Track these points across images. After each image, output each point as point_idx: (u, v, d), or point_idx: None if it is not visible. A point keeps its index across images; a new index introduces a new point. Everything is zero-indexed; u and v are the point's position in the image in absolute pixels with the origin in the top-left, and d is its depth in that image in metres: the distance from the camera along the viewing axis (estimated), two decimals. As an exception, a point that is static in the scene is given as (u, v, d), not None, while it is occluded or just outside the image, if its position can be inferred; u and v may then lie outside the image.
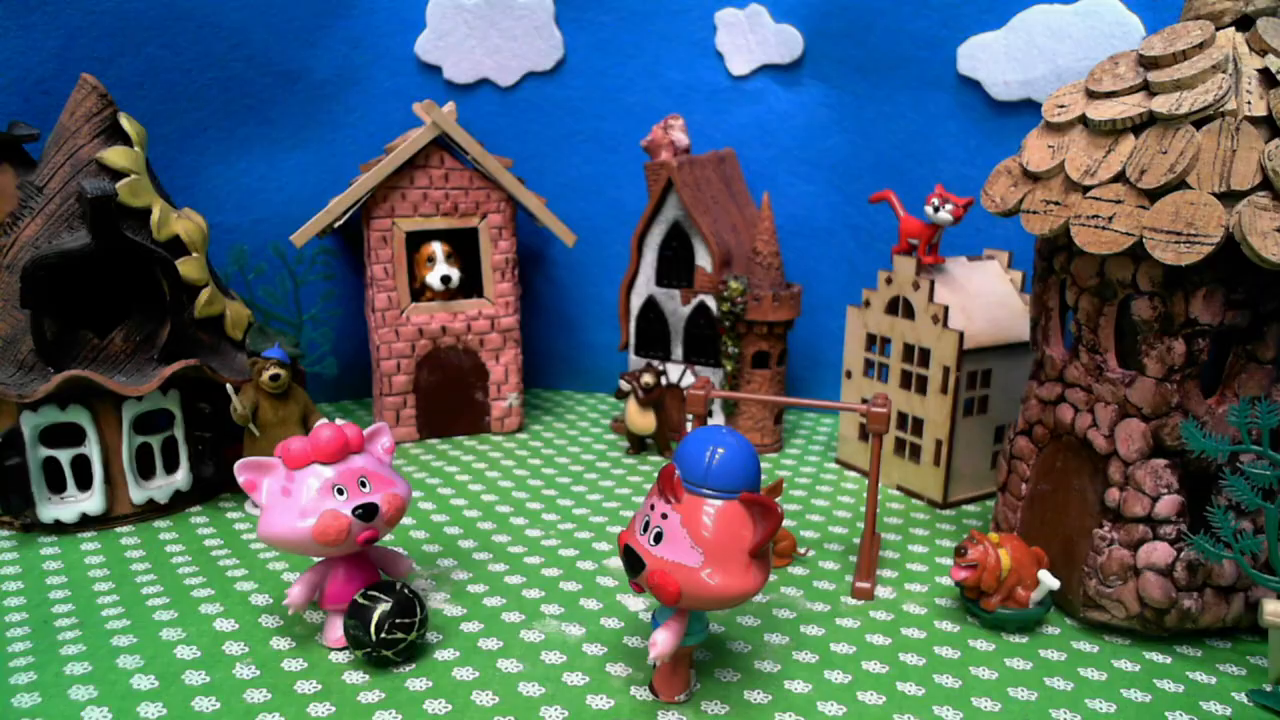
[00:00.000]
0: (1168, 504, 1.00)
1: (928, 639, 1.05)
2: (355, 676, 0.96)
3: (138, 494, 1.31)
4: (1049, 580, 1.04)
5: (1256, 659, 1.02)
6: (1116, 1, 1.41)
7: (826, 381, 1.85)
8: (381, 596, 0.96)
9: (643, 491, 1.46)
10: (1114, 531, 1.03)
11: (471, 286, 1.66)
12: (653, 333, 1.70)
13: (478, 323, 1.65)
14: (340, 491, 0.97)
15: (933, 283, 1.38)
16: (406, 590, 0.98)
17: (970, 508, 1.42)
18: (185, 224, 1.33)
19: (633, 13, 1.82)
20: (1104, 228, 0.96)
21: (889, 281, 1.45)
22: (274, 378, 1.32)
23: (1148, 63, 0.99)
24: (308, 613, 1.07)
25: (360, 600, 0.96)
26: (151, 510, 1.33)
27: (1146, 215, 0.93)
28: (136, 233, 1.27)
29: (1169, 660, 1.01)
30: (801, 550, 1.24)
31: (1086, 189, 0.99)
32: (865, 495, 1.37)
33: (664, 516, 0.86)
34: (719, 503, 0.84)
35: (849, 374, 1.55)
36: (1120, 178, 0.96)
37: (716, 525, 0.84)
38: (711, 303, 1.61)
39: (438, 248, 1.61)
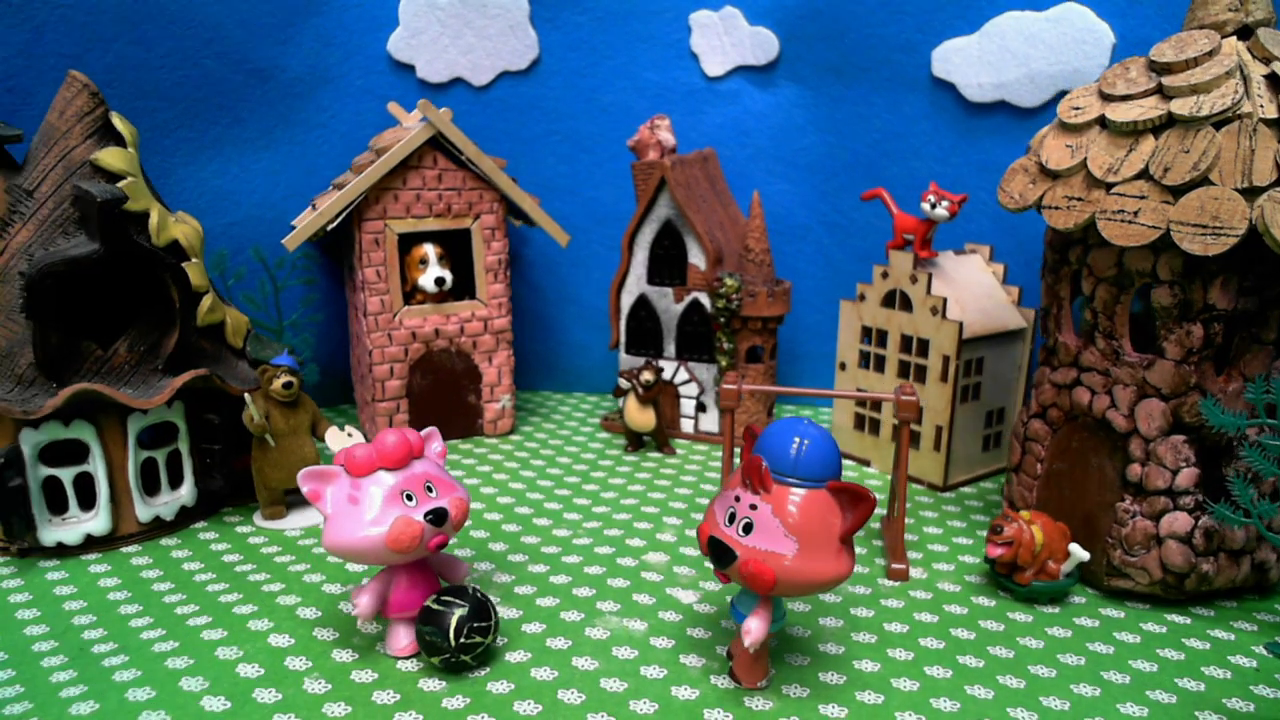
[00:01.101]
0: (1187, 476, 1.08)
1: (970, 614, 1.10)
2: (431, 684, 0.94)
3: (144, 512, 1.25)
4: (1079, 553, 1.11)
5: (1263, 615, 1.11)
6: (1086, 9, 1.50)
7: (809, 373, 1.91)
8: (456, 601, 0.95)
9: (655, 488, 1.48)
10: (1136, 504, 1.11)
11: (462, 288, 1.64)
12: (644, 331, 1.72)
13: (471, 325, 1.63)
14: (409, 497, 0.95)
15: (930, 276, 1.44)
16: (479, 593, 0.97)
17: (967, 489, 1.50)
18: (184, 228, 1.28)
19: (608, 13, 1.83)
20: (1130, 221, 1.03)
21: (885, 276, 1.51)
22: (287, 385, 1.28)
23: (1160, 68, 1.07)
24: (348, 610, 1.05)
25: (434, 606, 0.95)
26: (157, 528, 1.27)
27: (1173, 210, 1.00)
28: (136, 238, 1.21)
29: (1189, 621, 1.09)
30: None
31: (1109, 186, 1.06)
32: (865, 483, 1.42)
33: (753, 508, 0.88)
34: (809, 491, 0.87)
35: (843, 366, 1.61)
36: (1144, 175, 1.03)
37: (809, 513, 0.86)
38: (705, 300, 1.64)
39: (430, 249, 1.59)
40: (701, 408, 1.70)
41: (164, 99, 1.59)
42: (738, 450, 1.43)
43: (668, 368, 1.70)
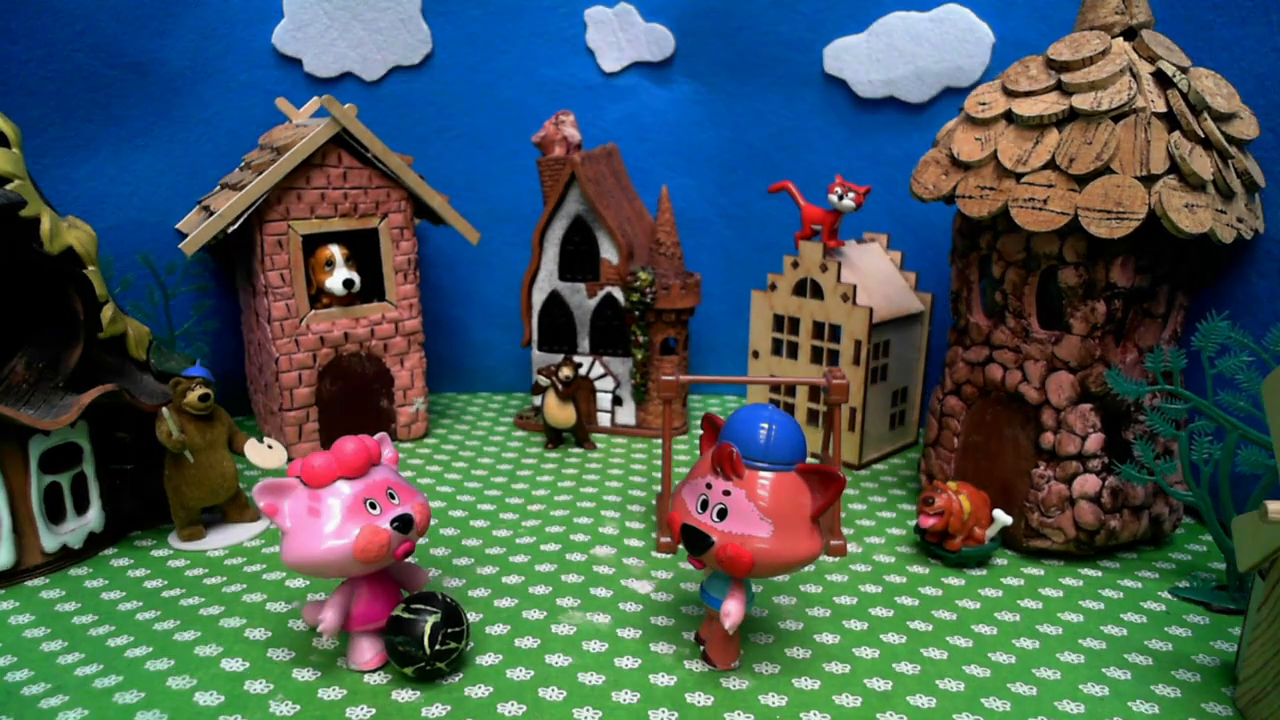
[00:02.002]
0: (1095, 441, 1.18)
1: (909, 582, 1.17)
2: (405, 694, 0.92)
3: (50, 541, 1.15)
4: (1003, 518, 1.19)
5: (1161, 564, 1.22)
6: (967, 10, 1.60)
7: (716, 363, 1.95)
8: (427, 608, 0.93)
9: (585, 482, 1.48)
10: (1050, 469, 1.20)
11: (368, 290, 1.59)
12: (557, 327, 1.71)
13: (381, 327, 1.59)
14: (373, 506, 0.93)
15: (839, 264, 1.51)
16: (448, 599, 0.95)
17: (880, 466, 1.57)
18: (77, 234, 1.19)
19: (501, 8, 1.81)
20: (1040, 208, 1.11)
21: (795, 265, 1.56)
22: (204, 398, 1.21)
23: (1058, 66, 1.16)
24: (298, 628, 1.01)
25: (404, 615, 0.93)
26: (64, 558, 1.18)
27: (1079, 197, 1.09)
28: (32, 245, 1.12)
29: (1100, 574, 1.19)
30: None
31: (1019, 176, 1.14)
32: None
33: (726, 494, 0.90)
34: (779, 475, 0.90)
35: (756, 354, 1.66)
36: (1051, 165, 1.12)
37: (782, 496, 0.89)
38: (619, 294, 1.65)
39: (336, 251, 1.53)
40: (618, 401, 1.71)
41: (32, 95, 1.46)
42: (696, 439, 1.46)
43: (583, 363, 1.71)
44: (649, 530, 1.31)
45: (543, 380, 1.60)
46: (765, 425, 0.91)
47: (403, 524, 0.93)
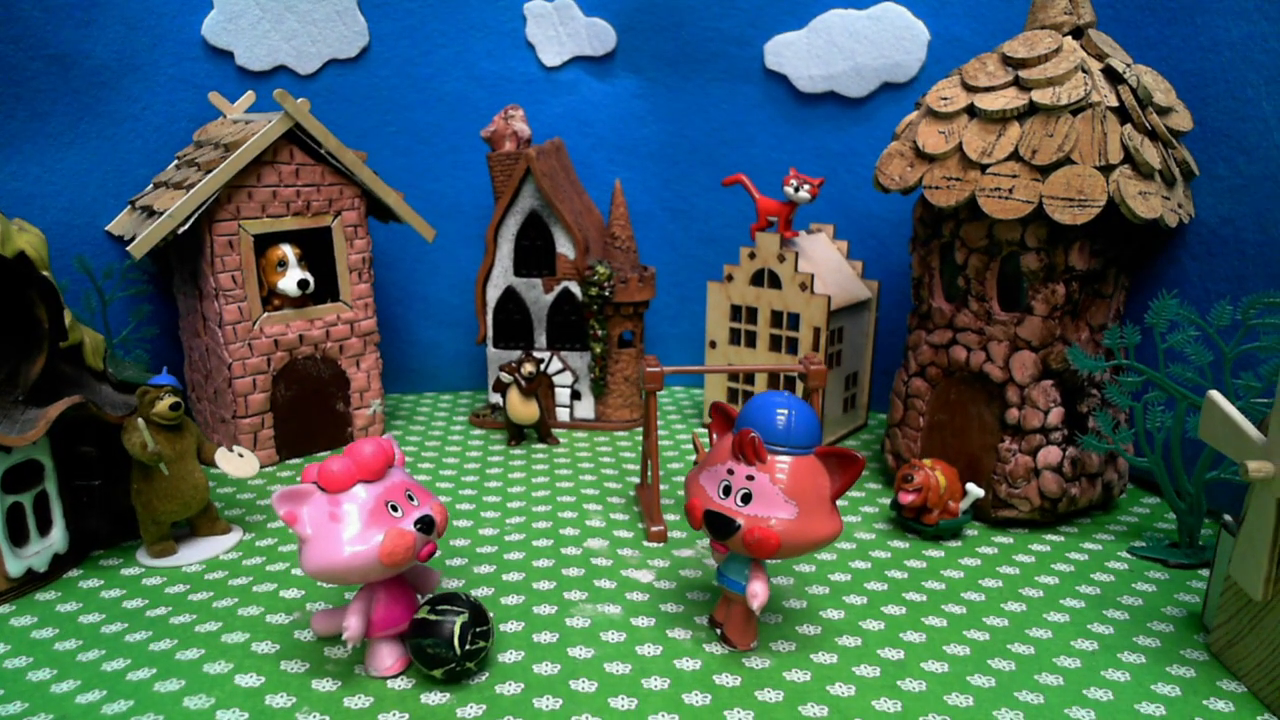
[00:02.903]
0: (1056, 415, 1.26)
1: (894, 557, 1.22)
2: (435, 697, 0.91)
3: (14, 565, 1.08)
4: (975, 490, 1.26)
5: (1114, 526, 1.32)
6: (903, 8, 1.66)
7: (666, 355, 1.97)
8: (452, 608, 0.92)
9: (558, 477, 1.48)
10: (1015, 443, 1.27)
11: (323, 290, 1.54)
12: (512, 324, 1.70)
13: (337, 328, 1.54)
14: (394, 508, 0.91)
15: (797, 255, 1.56)
16: (471, 598, 0.95)
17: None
18: (28, 237, 1.12)
19: (439, 0, 1.78)
20: (1006, 197, 1.18)
21: (752, 256, 1.60)
22: (175, 406, 1.15)
23: (1015, 63, 1.23)
24: (306, 639, 0.98)
25: (430, 617, 0.92)
26: (29, 582, 1.11)
27: (1043, 186, 1.16)
28: (-21, 250, 1.05)
29: (1063, 539, 1.28)
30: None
31: (984, 167, 1.20)
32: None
33: (749, 478, 0.93)
34: (801, 458, 0.94)
35: (713, 344, 1.69)
36: (1014, 157, 1.19)
37: (805, 478, 0.93)
38: (576, 289, 1.66)
39: (289, 251, 1.48)
40: (576, 396, 1.71)
41: (-51, 89, 1.36)
42: (701, 432, 1.47)
43: (544, 359, 1.70)
44: (635, 521, 1.32)
45: (505, 377, 1.59)
46: (785, 410, 0.94)
47: (426, 525, 0.92)
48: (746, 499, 0.93)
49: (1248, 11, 1.24)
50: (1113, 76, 1.20)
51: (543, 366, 1.63)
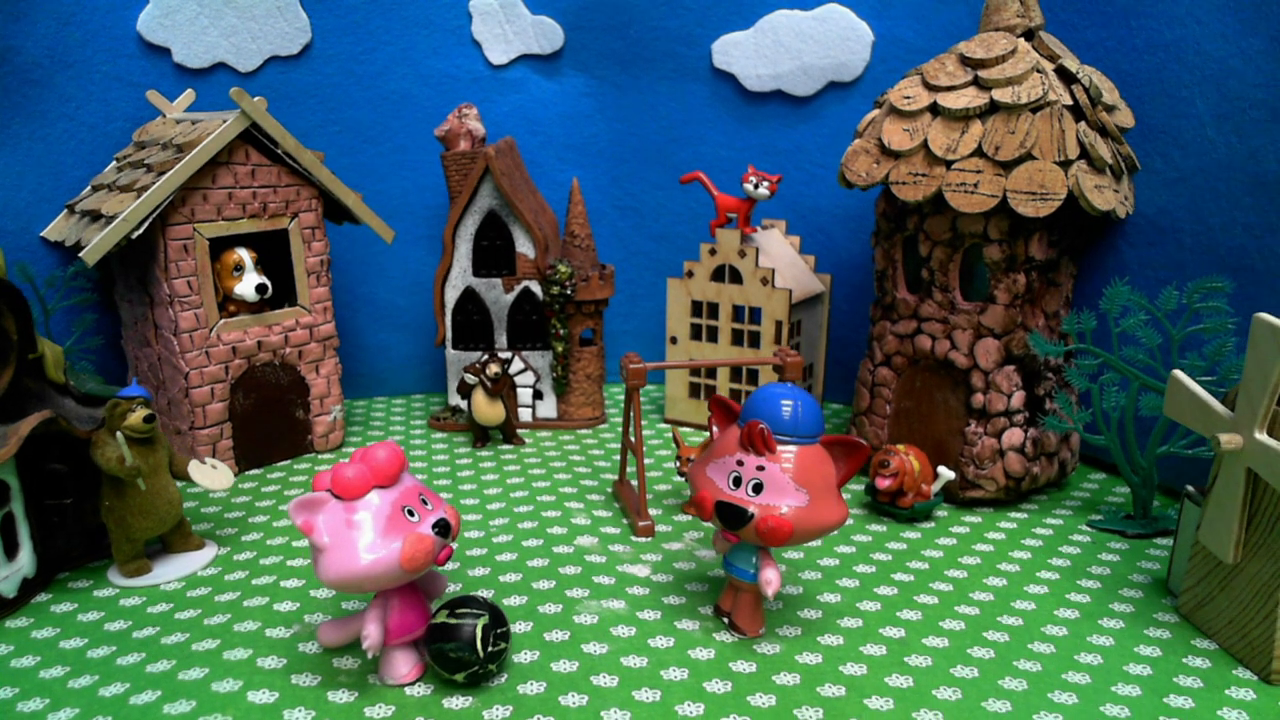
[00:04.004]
0: (1019, 398, 1.32)
1: (875, 540, 1.26)
2: (457, 701, 0.90)
3: (-17, 592, 1.02)
4: (946, 473, 1.32)
5: (1069, 501, 1.39)
6: (847, 10, 1.72)
7: (621, 351, 1.97)
8: (472, 610, 0.92)
9: (532, 477, 1.48)
10: (981, 426, 1.33)
11: (279, 294, 1.50)
12: (472, 324, 1.68)
13: (295, 334, 1.50)
14: (410, 513, 0.90)
15: (758, 250, 1.59)
16: (488, 600, 0.94)
17: (799, 439, 1.67)
18: (-17, 245, 1.06)
19: (383, -4, 1.75)
20: (972, 192, 1.23)
21: (713, 252, 1.63)
22: (149, 419, 1.11)
23: (974, 63, 1.29)
24: (312, 651, 0.96)
25: (450, 620, 0.91)
26: (-2, 609, 1.05)
27: (1007, 181, 1.22)
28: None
29: (1026, 516, 1.34)
30: (728, 495, 1.38)
31: (949, 163, 1.26)
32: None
33: (760, 469, 0.95)
34: (808, 447, 0.96)
35: (674, 340, 1.71)
36: (979, 153, 1.24)
37: (813, 466, 0.96)
38: (536, 288, 1.65)
39: (245, 254, 1.43)
40: (539, 395, 1.71)
41: None
42: (616, 429, 1.48)
43: (509, 359, 1.69)
44: (618, 517, 1.33)
45: (470, 378, 1.58)
46: (790, 401, 0.97)
47: (443, 529, 0.91)
48: (758, 489, 0.95)
49: (1180, 16, 1.33)
50: (1065, 76, 1.27)
51: (508, 367, 1.62)
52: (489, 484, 1.45)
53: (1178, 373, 1.04)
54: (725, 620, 1.05)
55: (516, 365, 1.69)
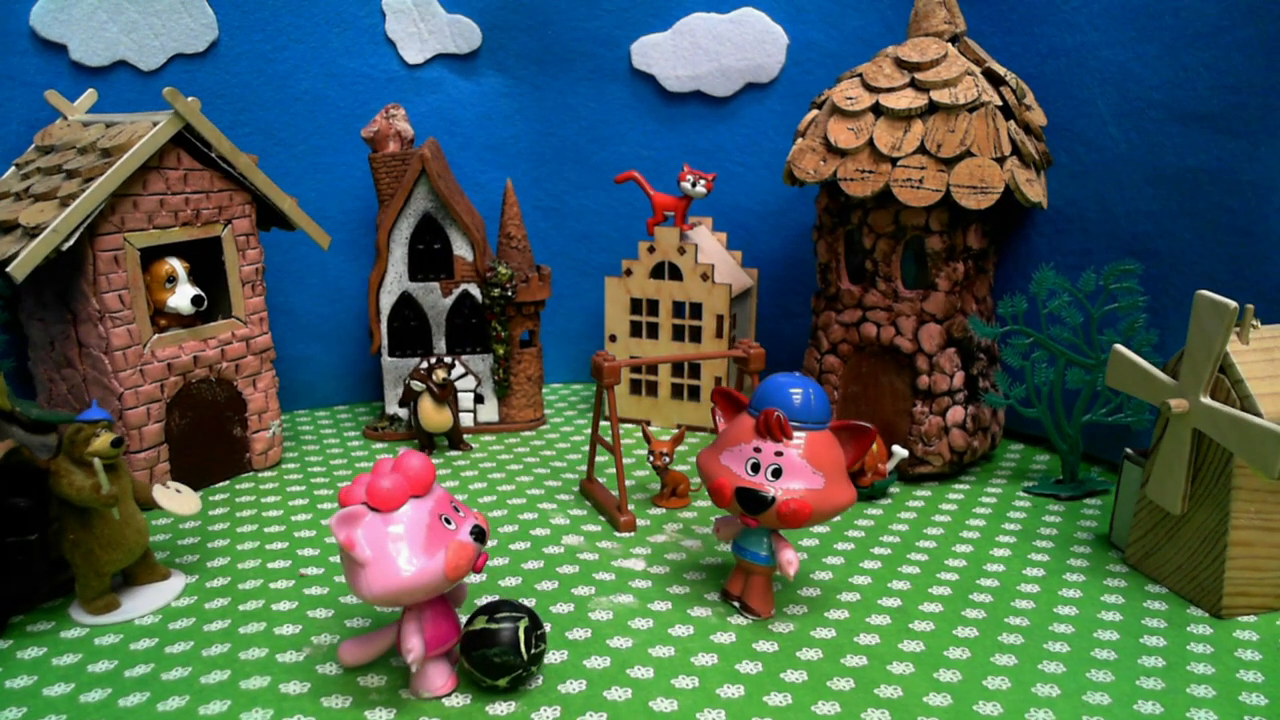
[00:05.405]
0: (959, 378, 1.42)
1: (844, 520, 1.33)
2: (501, 707, 0.90)
3: (-56, 643, 0.93)
4: (901, 451, 1.40)
5: (1001, 472, 1.51)
6: (762, 13, 1.78)
7: (550, 351, 1.96)
8: (510, 615, 0.92)
9: (493, 481, 1.46)
10: (926, 407, 1.42)
11: (213, 306, 1.42)
12: (409, 330, 1.64)
13: (232, 347, 1.42)
14: (447, 521, 0.89)
15: (696, 246, 1.63)
16: (520, 603, 0.94)
17: (739, 428, 1.73)
18: (-82, 261, 0.96)
19: (293, -8, 1.68)
20: (918, 187, 1.32)
21: (651, 250, 1.66)
22: (117, 443, 1.03)
23: (909, 66, 1.37)
24: (332, 673, 0.93)
25: (491, 626, 0.90)
26: (-41, 661, 0.95)
27: (950, 176, 1.31)
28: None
29: (968, 486, 1.45)
30: (696, 485, 1.41)
31: (895, 160, 1.34)
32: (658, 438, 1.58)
33: (778, 454, 0.99)
34: (820, 432, 1.01)
35: (613, 338, 1.73)
36: (921, 150, 1.33)
37: (827, 450, 1.01)
38: (475, 290, 1.63)
39: (178, 265, 1.35)
40: (479, 399, 1.69)
41: None
42: (563, 429, 1.48)
43: (455, 363, 1.65)
44: (594, 515, 1.34)
45: (417, 385, 1.54)
46: (800, 390, 1.02)
47: (479, 535, 0.90)
48: (777, 474, 0.99)
49: (1079, 24, 1.46)
50: (993, 79, 1.37)
51: (454, 372, 1.60)
52: (454, 491, 1.43)
53: (1119, 347, 1.16)
54: (736, 604, 1.08)
55: (457, 370, 1.66)
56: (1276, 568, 1.06)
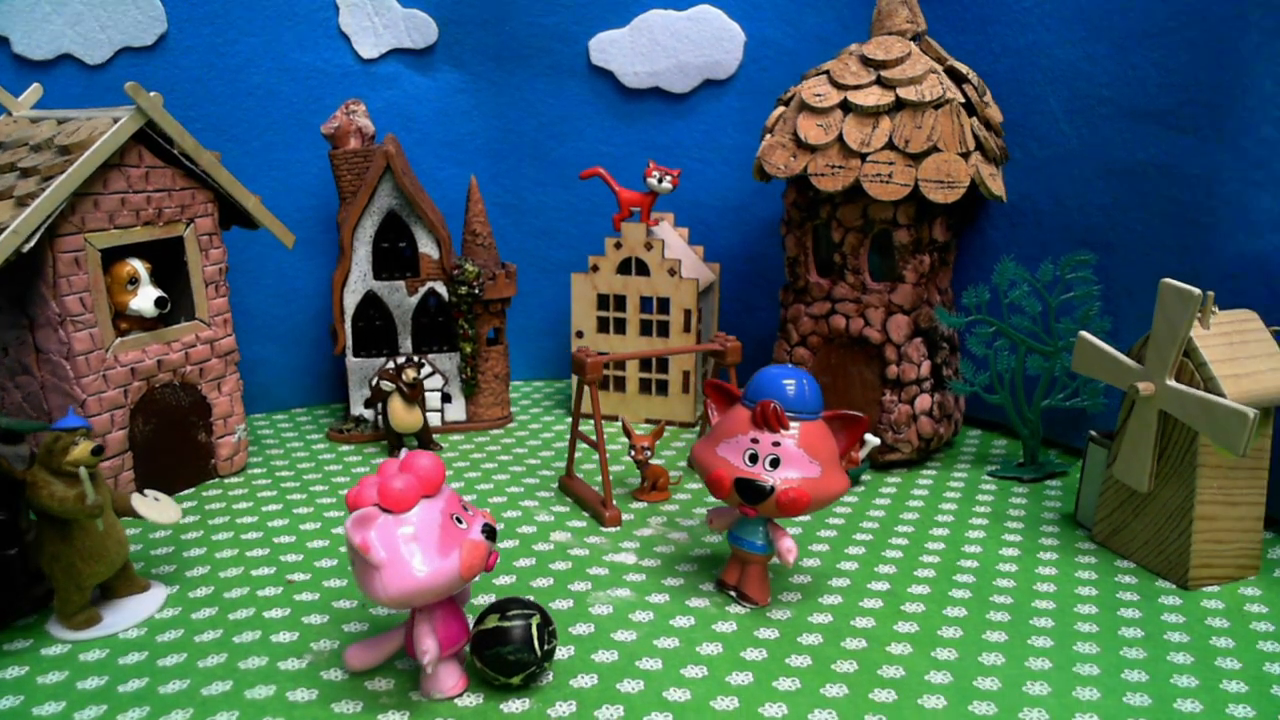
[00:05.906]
0: (926, 367, 1.46)
1: (823, 509, 1.35)
2: (516, 705, 0.90)
3: (-77, 666, 0.88)
4: (873, 440, 1.44)
5: (963, 457, 1.56)
6: (719, 11, 1.80)
7: (513, 348, 1.95)
8: (521, 611, 0.92)
9: (470, 480, 1.45)
10: (896, 395, 1.46)
11: (175, 308, 1.37)
12: (373, 330, 1.62)
13: (196, 350, 1.38)
14: (459, 520, 0.88)
15: (663, 242, 1.64)
16: (528, 599, 0.94)
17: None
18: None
19: (243, -16, 1.63)
20: (887, 181, 1.35)
21: (618, 246, 1.66)
22: (98, 451, 0.99)
23: (875, 64, 1.41)
24: (338, 679, 0.92)
25: (503, 624, 0.90)
26: (-63, 684, 0.90)
27: (918, 171, 1.35)
28: None
29: (935, 472, 1.49)
30: (675, 478, 1.43)
31: (864, 156, 1.37)
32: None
33: (776, 444, 1.01)
34: (814, 422, 1.04)
35: (580, 334, 1.73)
36: (890, 146, 1.36)
37: (821, 440, 1.03)
38: (441, 289, 1.61)
39: (140, 266, 1.30)
40: (447, 398, 1.67)
41: None
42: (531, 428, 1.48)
43: (424, 363, 1.63)
44: (577, 511, 1.34)
45: (387, 385, 1.52)
46: (794, 381, 1.04)
47: (490, 533, 0.90)
48: (775, 464, 1.01)
49: (1030, 24, 1.52)
50: (955, 76, 1.42)
51: (423, 371, 1.58)
52: (428, 492, 1.41)
53: (1085, 334, 1.21)
54: (733, 593, 1.10)
55: (425, 369, 1.64)
56: (1237, 540, 1.13)
